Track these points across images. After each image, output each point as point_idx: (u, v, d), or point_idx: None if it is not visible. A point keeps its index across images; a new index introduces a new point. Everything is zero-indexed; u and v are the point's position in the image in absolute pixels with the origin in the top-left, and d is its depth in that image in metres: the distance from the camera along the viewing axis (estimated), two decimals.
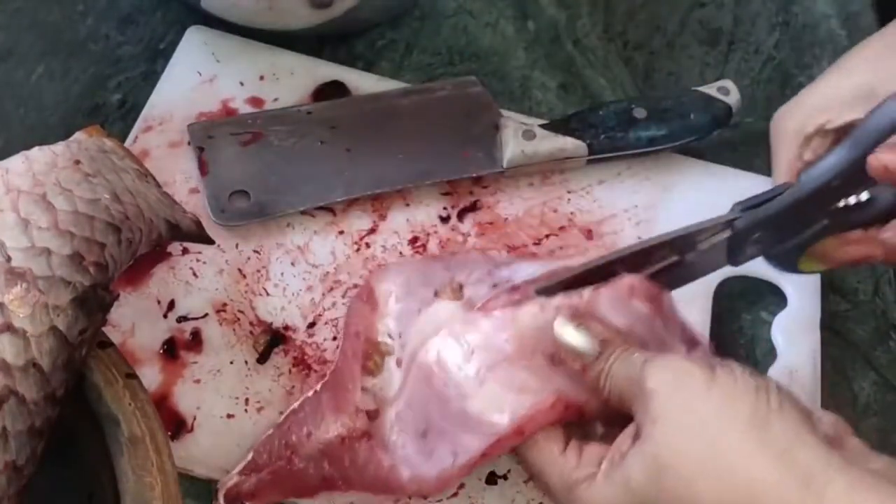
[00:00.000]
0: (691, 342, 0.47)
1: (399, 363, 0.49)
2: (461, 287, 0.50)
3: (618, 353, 0.43)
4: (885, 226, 0.49)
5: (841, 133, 0.48)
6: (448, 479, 0.45)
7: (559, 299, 0.46)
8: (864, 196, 0.48)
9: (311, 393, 0.49)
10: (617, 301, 0.46)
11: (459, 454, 0.45)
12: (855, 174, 0.46)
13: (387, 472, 0.46)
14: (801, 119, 0.49)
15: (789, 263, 0.51)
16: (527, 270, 0.51)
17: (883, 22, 0.69)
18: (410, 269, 0.52)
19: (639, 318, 0.46)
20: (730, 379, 0.40)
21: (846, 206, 0.48)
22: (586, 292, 0.46)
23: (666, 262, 0.48)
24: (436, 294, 0.50)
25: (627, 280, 0.46)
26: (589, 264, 0.48)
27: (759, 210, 0.49)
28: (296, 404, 0.49)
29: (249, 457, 0.47)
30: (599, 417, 0.45)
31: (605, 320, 0.45)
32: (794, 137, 0.49)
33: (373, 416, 0.48)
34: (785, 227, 0.49)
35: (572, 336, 0.44)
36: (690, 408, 0.39)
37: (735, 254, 0.50)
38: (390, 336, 0.50)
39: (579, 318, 0.44)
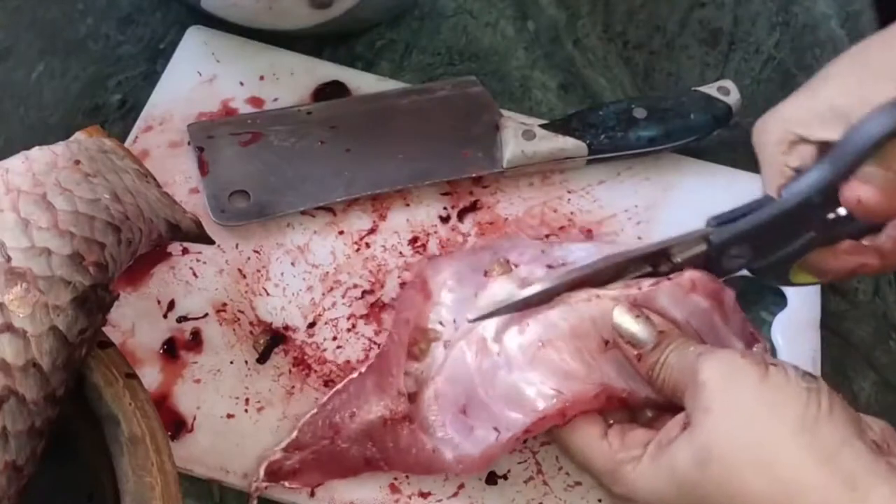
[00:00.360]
0: (750, 340, 0.48)
1: (446, 346, 0.50)
2: (508, 262, 0.51)
3: (674, 345, 0.44)
4: (879, 233, 0.48)
5: (823, 146, 0.48)
6: (492, 456, 0.46)
7: (618, 290, 0.46)
8: None
9: (355, 374, 0.49)
10: (676, 294, 0.46)
11: (502, 431, 0.46)
12: (835, 192, 0.45)
13: (430, 454, 0.47)
14: (781, 130, 0.49)
15: (779, 276, 0.50)
16: (579, 252, 0.52)
17: (883, 22, 0.70)
18: (460, 260, 0.53)
19: (696, 313, 0.47)
20: (782, 378, 0.41)
21: (834, 219, 0.48)
22: (645, 284, 0.46)
23: (640, 272, 0.48)
24: (485, 274, 0.51)
25: (689, 275, 0.47)
26: (558, 280, 0.48)
27: (736, 225, 0.48)
28: (340, 385, 0.49)
29: (294, 434, 0.48)
30: (644, 407, 0.46)
31: (664, 312, 0.46)
32: (776, 146, 0.49)
33: (413, 398, 0.48)
34: (765, 243, 0.48)
35: (631, 324, 0.45)
36: (741, 402, 0.40)
37: (713, 269, 0.49)
38: (441, 323, 0.51)
39: (638, 308, 0.45)
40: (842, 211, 0.47)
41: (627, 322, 0.45)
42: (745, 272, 0.53)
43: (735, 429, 0.40)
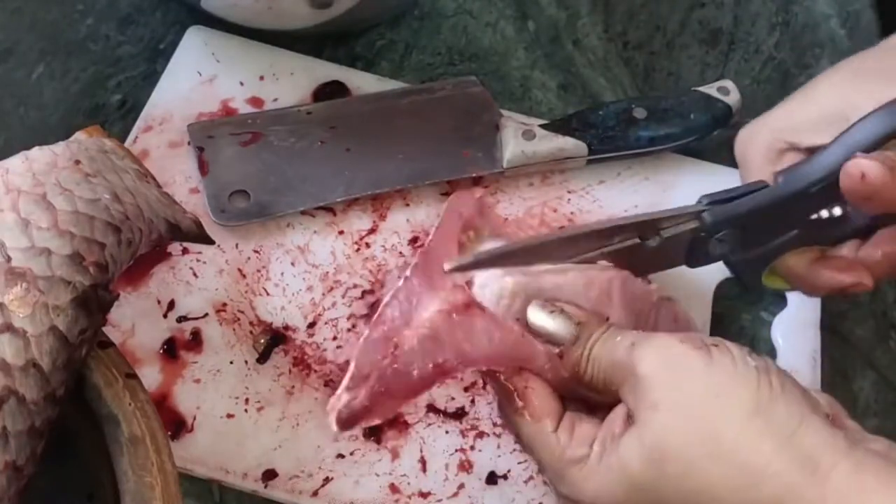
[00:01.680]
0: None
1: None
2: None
3: (597, 335, 0.42)
4: (865, 244, 0.47)
5: (811, 152, 0.47)
6: None
7: (514, 280, 0.43)
8: (837, 212, 0.46)
9: (400, 282, 0.44)
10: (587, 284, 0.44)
11: None
12: (836, 182, 0.44)
13: (517, 338, 0.43)
14: (770, 138, 0.48)
15: (753, 275, 0.49)
16: None
17: (883, 22, 0.70)
18: None
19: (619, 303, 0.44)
20: (728, 362, 0.39)
21: (818, 220, 0.47)
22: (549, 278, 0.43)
23: (627, 242, 0.46)
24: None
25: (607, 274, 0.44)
26: (546, 238, 0.46)
27: (731, 206, 0.46)
28: (387, 297, 0.44)
29: (352, 368, 0.42)
30: (576, 395, 0.43)
31: (577, 302, 0.43)
32: (765, 152, 0.48)
33: (469, 284, 0.44)
34: (754, 230, 0.47)
35: (546, 321, 0.42)
36: (689, 394, 0.39)
37: (696, 252, 0.47)
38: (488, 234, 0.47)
39: (551, 303, 0.43)
40: (827, 214, 0.47)
41: (541, 319, 0.42)
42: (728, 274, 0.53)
43: (687, 423, 0.38)
